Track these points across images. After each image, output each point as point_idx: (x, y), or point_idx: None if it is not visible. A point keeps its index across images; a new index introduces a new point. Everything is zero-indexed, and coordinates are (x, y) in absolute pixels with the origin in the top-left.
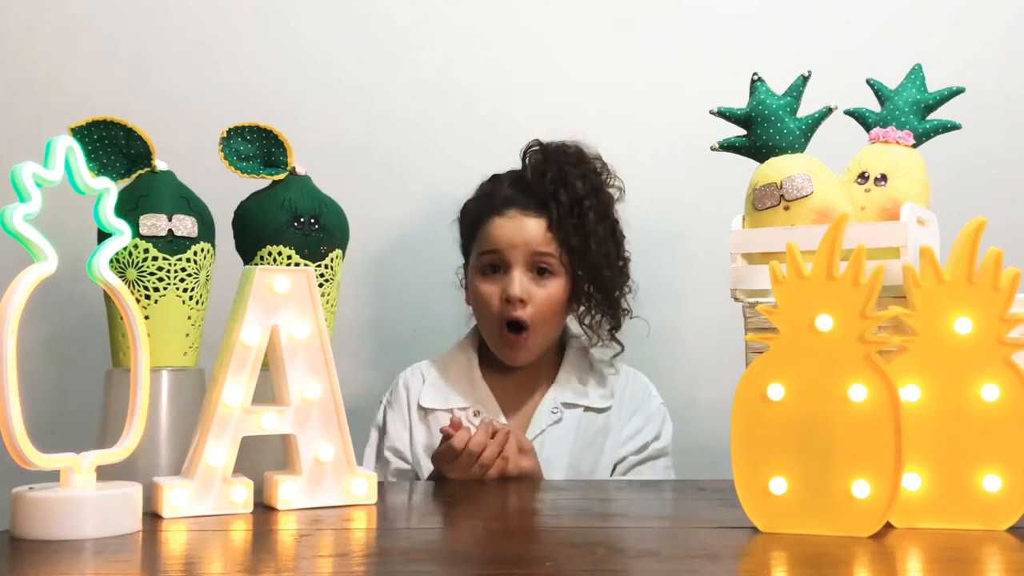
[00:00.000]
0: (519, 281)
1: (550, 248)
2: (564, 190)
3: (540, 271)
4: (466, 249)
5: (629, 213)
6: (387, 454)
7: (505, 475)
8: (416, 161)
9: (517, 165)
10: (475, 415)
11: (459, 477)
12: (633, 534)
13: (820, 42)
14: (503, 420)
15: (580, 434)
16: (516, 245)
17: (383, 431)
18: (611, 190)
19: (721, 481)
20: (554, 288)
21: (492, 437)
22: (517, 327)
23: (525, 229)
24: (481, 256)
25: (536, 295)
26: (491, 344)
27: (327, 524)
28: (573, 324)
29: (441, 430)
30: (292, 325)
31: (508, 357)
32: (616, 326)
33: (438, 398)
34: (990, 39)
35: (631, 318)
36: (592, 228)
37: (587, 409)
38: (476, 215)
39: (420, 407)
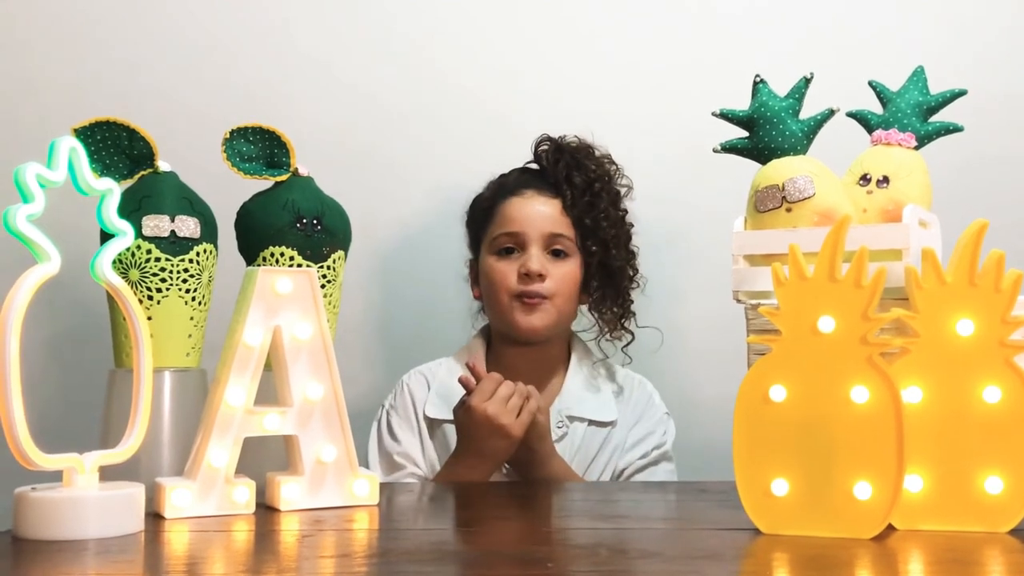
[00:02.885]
0: (537, 257)
1: (565, 230)
2: (577, 173)
3: (555, 253)
4: (476, 240)
5: (632, 214)
6: (398, 459)
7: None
8: (418, 162)
9: (520, 166)
10: None
11: (495, 415)
12: (635, 535)
13: (822, 44)
14: None
15: (583, 447)
16: (534, 224)
17: (393, 437)
18: (620, 188)
19: (723, 482)
20: (570, 268)
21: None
22: (534, 297)
23: (542, 209)
24: (497, 238)
25: (553, 272)
26: (503, 320)
27: (329, 525)
28: (577, 327)
29: (461, 380)
30: (294, 326)
31: (523, 324)
32: (625, 314)
33: (443, 407)
34: (991, 39)
35: (636, 326)
36: (605, 208)
37: (591, 423)
38: (490, 201)
39: (426, 417)
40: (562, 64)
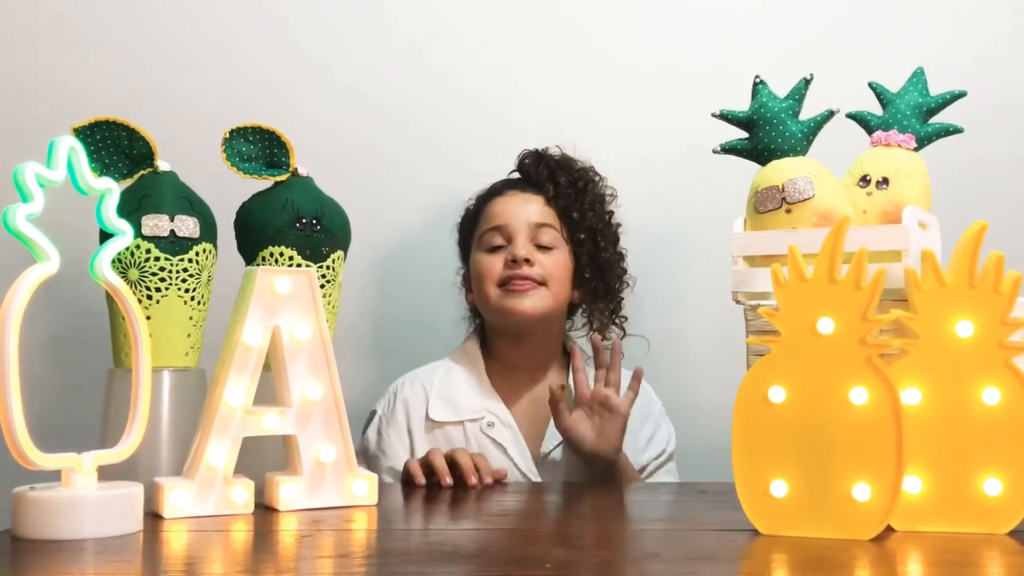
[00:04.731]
0: (523, 244)
1: (551, 220)
2: (561, 172)
3: (542, 247)
4: (467, 248)
5: (630, 215)
6: (385, 477)
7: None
8: (418, 162)
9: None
10: (488, 426)
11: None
12: (634, 536)
13: (822, 45)
14: (515, 427)
15: None
16: (519, 216)
17: (380, 450)
18: (604, 193)
19: (722, 483)
20: (558, 257)
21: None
22: (523, 280)
23: (525, 204)
24: (484, 235)
25: (541, 259)
26: (494, 310)
27: (328, 525)
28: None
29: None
30: (294, 326)
31: (515, 307)
32: (615, 309)
33: (448, 410)
34: (991, 41)
35: (627, 332)
36: (590, 202)
37: None
38: (476, 207)
39: (429, 419)
40: (562, 64)
